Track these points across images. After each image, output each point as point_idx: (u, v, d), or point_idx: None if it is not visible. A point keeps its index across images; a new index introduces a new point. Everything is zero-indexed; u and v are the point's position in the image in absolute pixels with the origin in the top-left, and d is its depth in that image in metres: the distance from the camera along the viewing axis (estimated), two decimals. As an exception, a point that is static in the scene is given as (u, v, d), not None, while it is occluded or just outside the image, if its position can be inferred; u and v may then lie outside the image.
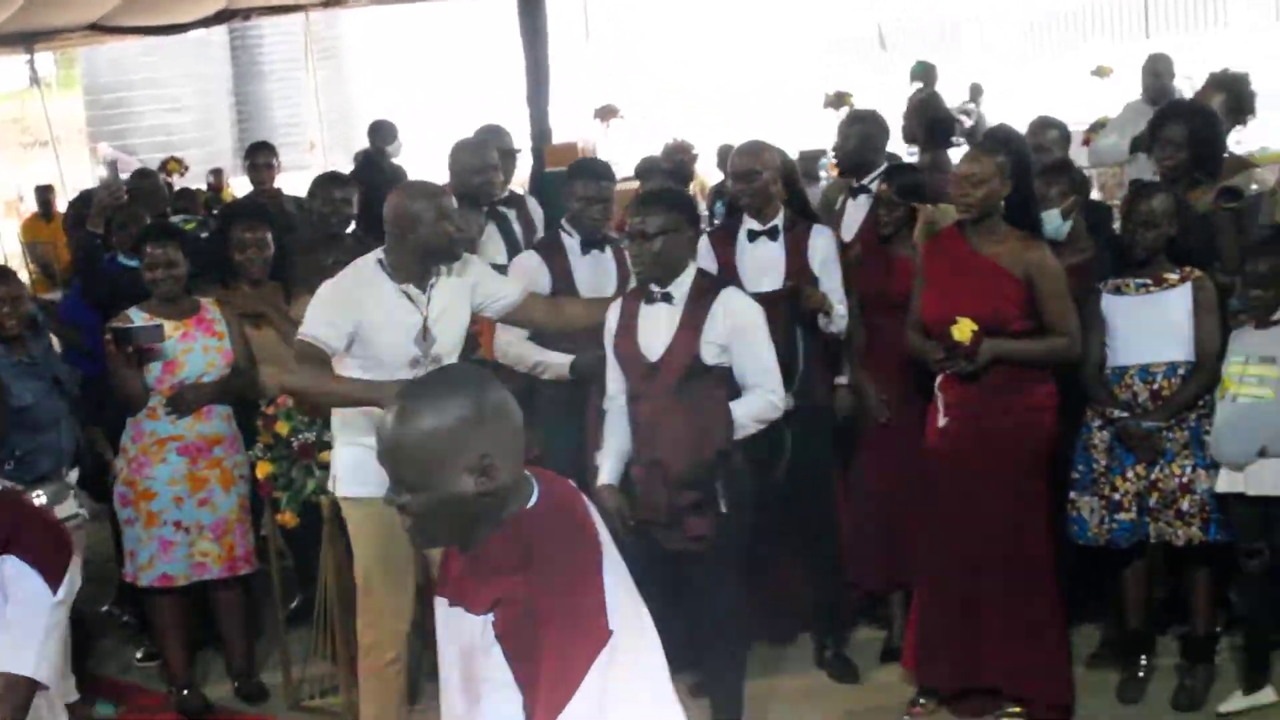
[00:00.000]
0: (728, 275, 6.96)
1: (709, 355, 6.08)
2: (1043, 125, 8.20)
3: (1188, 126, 7.44)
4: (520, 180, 11.62)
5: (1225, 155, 8.06)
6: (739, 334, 6.11)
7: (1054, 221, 6.98)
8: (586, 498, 3.38)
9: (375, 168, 13.32)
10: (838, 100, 17.16)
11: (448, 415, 3.13)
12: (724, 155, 8.35)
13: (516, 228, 8.27)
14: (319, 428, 6.99)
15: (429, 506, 3.17)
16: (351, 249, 7.53)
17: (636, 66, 24.30)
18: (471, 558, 3.26)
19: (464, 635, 3.26)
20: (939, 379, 6.60)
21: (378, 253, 6.16)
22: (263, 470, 7.15)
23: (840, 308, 7.04)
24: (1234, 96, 8.71)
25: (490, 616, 3.14)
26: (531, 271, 7.16)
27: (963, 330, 6.32)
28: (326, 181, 8.82)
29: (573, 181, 7.40)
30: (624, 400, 6.31)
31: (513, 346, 7.13)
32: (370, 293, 6.03)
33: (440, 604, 3.38)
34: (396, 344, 6.04)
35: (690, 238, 6.23)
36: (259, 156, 11.96)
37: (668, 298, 6.17)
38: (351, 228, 8.70)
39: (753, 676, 6.92)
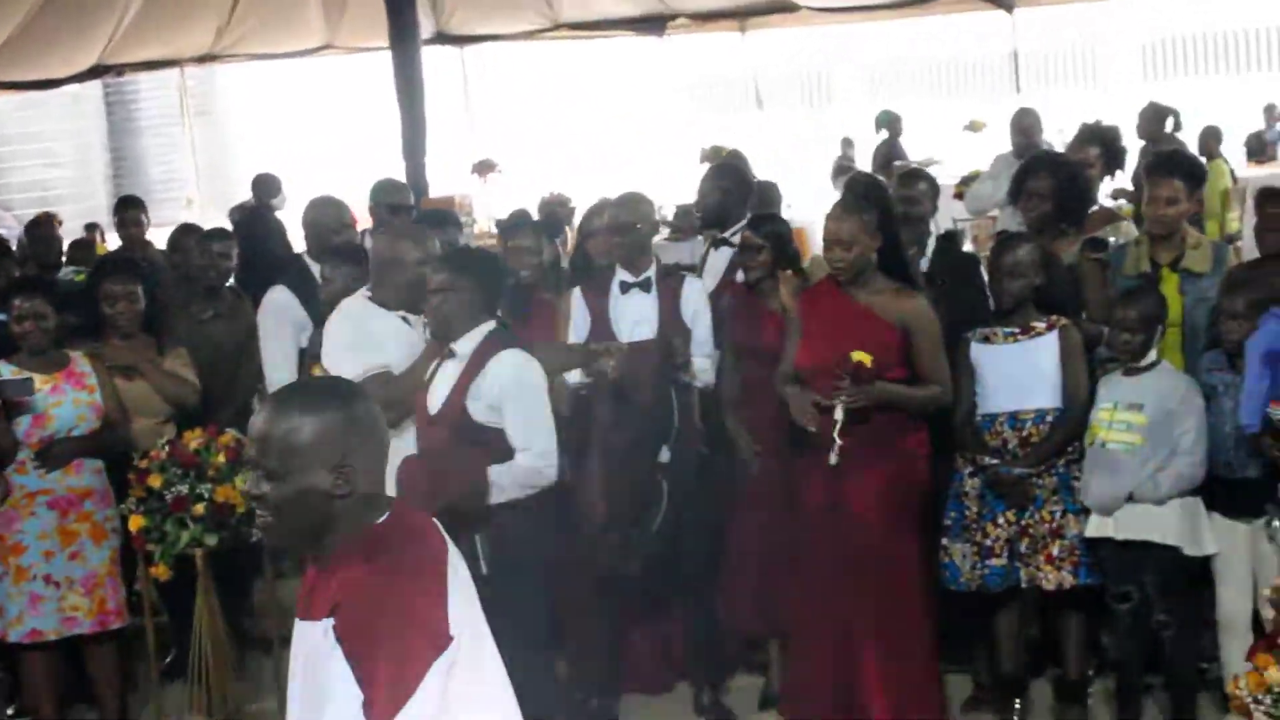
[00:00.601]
0: (600, 326, 7.02)
1: (478, 413, 5.99)
2: (911, 177, 8.28)
3: (1053, 178, 7.57)
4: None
5: (1095, 208, 8.21)
6: (509, 395, 6.00)
7: None
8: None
9: (259, 222, 13.24)
10: (714, 154, 17.26)
11: (316, 414, 3.31)
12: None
13: None
14: (192, 480, 6.94)
15: (284, 498, 3.31)
16: (231, 303, 7.49)
17: (516, 121, 24.34)
18: (320, 569, 3.38)
19: (308, 644, 3.33)
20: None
21: (364, 291, 6.68)
22: (135, 524, 7.08)
23: (705, 361, 7.10)
24: (1107, 149, 8.86)
25: (331, 620, 3.22)
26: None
27: (862, 356, 6.33)
28: (204, 235, 8.77)
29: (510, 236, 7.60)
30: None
31: None
32: (377, 325, 6.52)
33: (295, 626, 3.44)
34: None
35: (475, 299, 6.06)
36: (127, 212, 11.84)
37: (451, 354, 6.13)
38: (230, 281, 8.66)
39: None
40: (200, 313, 8.63)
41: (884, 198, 6.91)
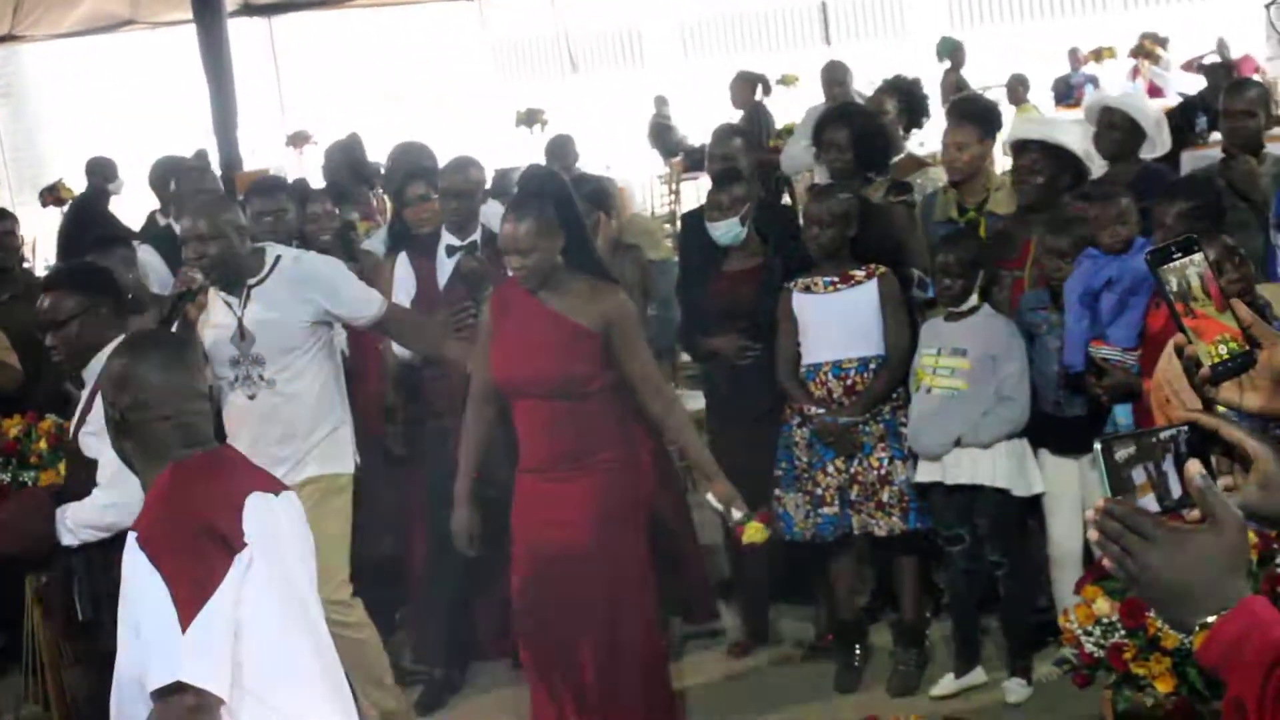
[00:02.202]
0: (426, 289, 6.98)
1: (89, 447, 5.60)
2: (727, 132, 8.29)
3: (849, 128, 7.64)
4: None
5: (903, 155, 8.29)
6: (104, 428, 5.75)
7: (732, 230, 7.09)
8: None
9: (88, 205, 12.97)
10: (529, 118, 17.24)
11: (112, 361, 3.89)
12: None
13: None
14: (14, 468, 6.80)
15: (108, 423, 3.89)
16: (28, 283, 7.33)
17: (328, 92, 24.06)
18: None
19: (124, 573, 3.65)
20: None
21: None
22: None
23: None
24: (907, 101, 8.96)
25: (134, 533, 3.60)
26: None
27: (755, 533, 5.82)
28: None
29: (249, 200, 7.40)
30: None
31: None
32: (211, 301, 6.36)
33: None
34: (217, 343, 6.26)
35: (104, 316, 5.68)
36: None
37: (80, 382, 5.84)
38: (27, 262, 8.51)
39: (476, 692, 6.94)
40: (-5, 296, 8.46)
41: (562, 191, 6.28)
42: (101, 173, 13.82)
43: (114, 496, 5.47)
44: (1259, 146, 7.29)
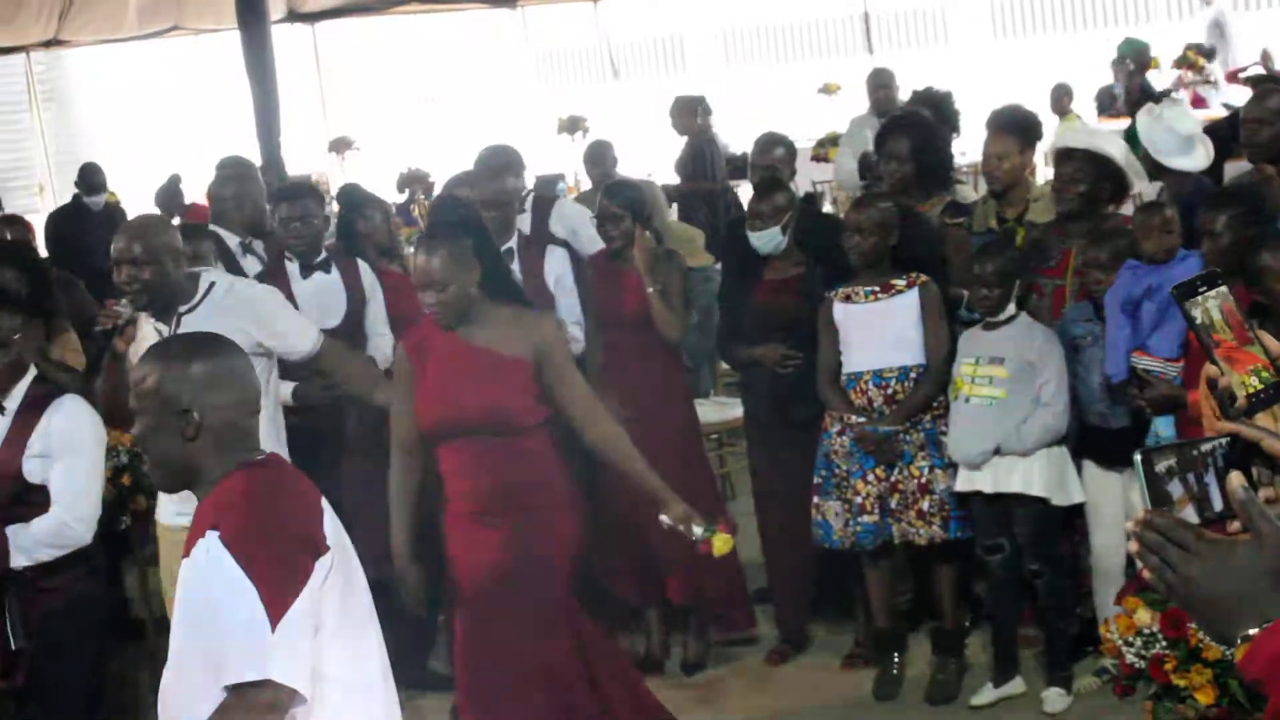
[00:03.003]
0: None
1: (34, 472, 5.51)
2: (770, 143, 8.27)
3: (910, 139, 7.62)
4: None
5: None
6: (59, 447, 5.55)
7: (773, 239, 7.10)
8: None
9: (73, 214, 13.04)
10: (572, 125, 17.27)
11: (166, 363, 3.72)
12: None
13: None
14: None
15: (142, 436, 3.75)
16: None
17: (370, 98, 24.16)
18: (201, 503, 3.71)
19: (190, 573, 3.62)
20: None
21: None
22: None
23: (574, 329, 7.10)
24: (937, 113, 8.93)
25: (215, 533, 3.52)
26: None
27: (722, 545, 5.63)
28: None
29: (277, 205, 7.41)
30: None
31: None
32: (141, 328, 5.98)
33: (180, 570, 3.72)
34: None
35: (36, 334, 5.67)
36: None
37: (2, 410, 5.66)
38: None
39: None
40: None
41: (473, 220, 6.14)
42: (83, 183, 13.75)
43: (77, 513, 5.49)
44: (1277, 155, 7.16)
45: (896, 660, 7.05)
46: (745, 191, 15.39)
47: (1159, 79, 18.64)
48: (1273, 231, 5.83)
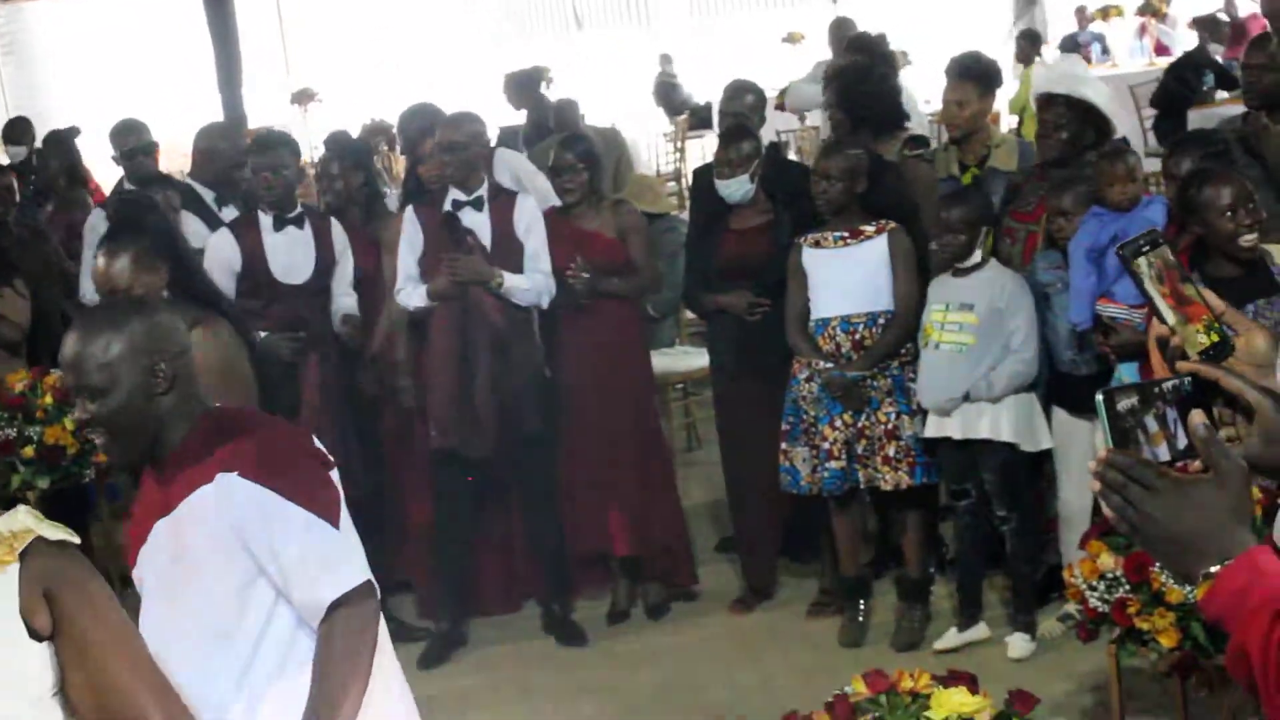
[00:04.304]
0: (435, 245, 7.00)
1: None
2: (739, 89, 8.24)
3: (836, 88, 7.66)
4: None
5: None
6: None
7: (742, 187, 7.09)
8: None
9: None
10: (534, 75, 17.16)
11: (119, 326, 3.58)
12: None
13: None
14: (20, 422, 6.81)
15: (113, 410, 3.57)
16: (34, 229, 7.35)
17: (332, 49, 24.02)
18: (163, 468, 3.64)
19: (176, 534, 3.57)
20: None
21: None
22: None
23: (541, 278, 7.09)
24: (872, 57, 8.80)
25: (232, 474, 3.50)
26: (223, 250, 7.15)
27: None
28: None
29: (253, 157, 7.42)
30: None
31: None
32: None
33: (151, 531, 3.66)
34: None
35: None
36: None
37: None
38: None
39: (480, 645, 6.98)
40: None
41: (158, 220, 6.01)
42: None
43: None
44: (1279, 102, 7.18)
45: (862, 607, 7.07)
46: (709, 141, 15.38)
47: (1124, 26, 18.68)
48: (1209, 167, 5.85)
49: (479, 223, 7.09)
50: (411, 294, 7.09)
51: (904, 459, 6.71)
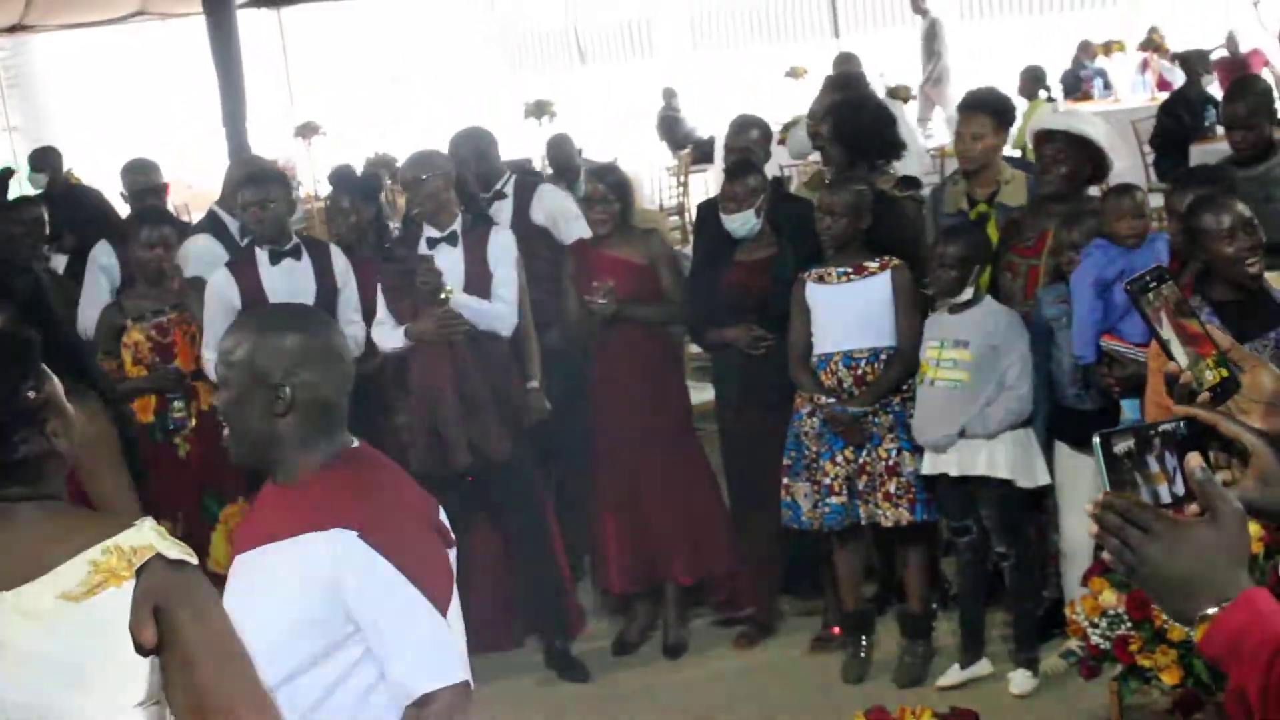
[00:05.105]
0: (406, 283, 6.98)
1: None
2: (745, 124, 8.25)
3: (830, 123, 7.64)
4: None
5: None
6: None
7: (747, 221, 7.11)
8: None
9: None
10: (539, 109, 17.26)
11: (259, 334, 3.56)
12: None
13: None
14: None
15: (225, 406, 3.57)
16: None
17: (337, 83, 24.11)
18: (287, 486, 3.58)
19: (273, 571, 3.50)
20: None
21: None
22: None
23: (500, 305, 7.06)
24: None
25: (353, 531, 3.41)
26: (222, 289, 7.12)
27: None
28: None
29: (241, 190, 7.37)
30: None
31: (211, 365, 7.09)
32: None
33: (252, 553, 3.61)
34: None
35: None
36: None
37: None
38: None
39: (481, 681, 6.95)
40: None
41: (28, 285, 5.68)
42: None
43: None
44: (1268, 148, 7.18)
45: (864, 642, 7.07)
46: (712, 175, 15.42)
47: (1126, 61, 18.72)
48: (1210, 194, 5.86)
49: (454, 258, 7.05)
50: (389, 335, 7.08)
51: (904, 495, 6.72)
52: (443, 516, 3.65)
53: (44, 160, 12.91)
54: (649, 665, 7.40)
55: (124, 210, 10.11)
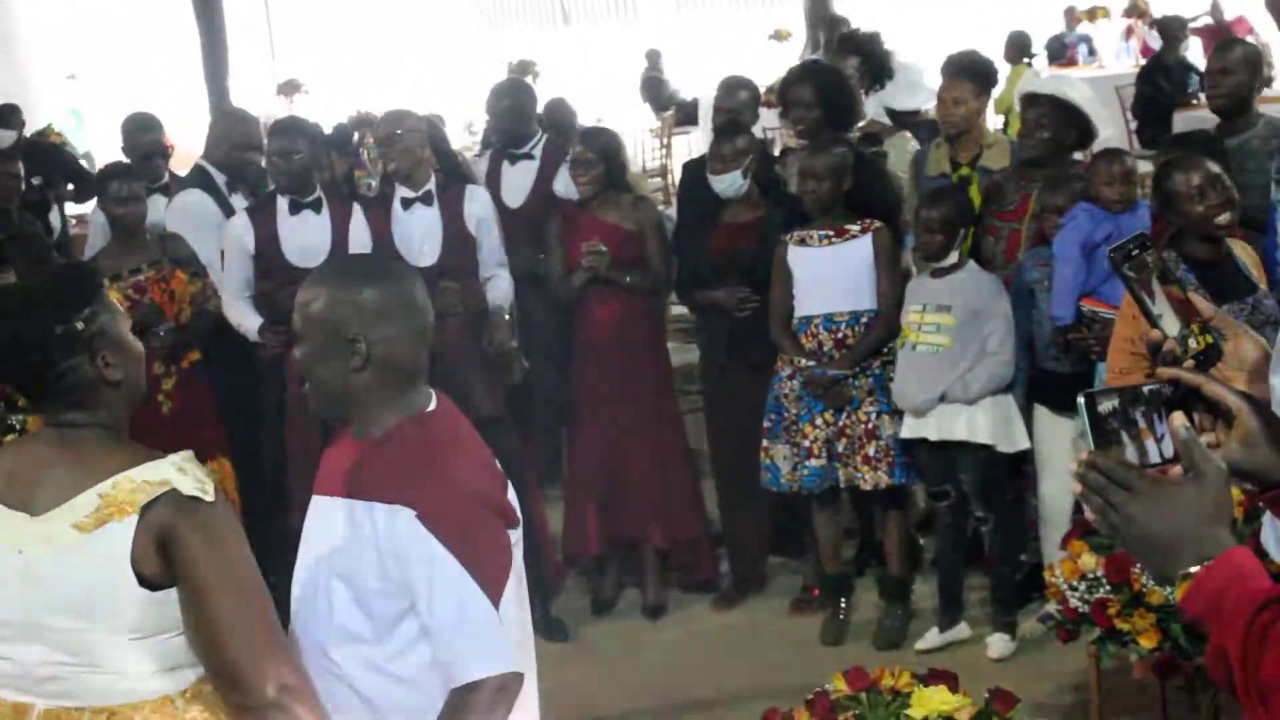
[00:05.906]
0: (384, 247, 6.93)
1: None
2: (734, 86, 8.17)
3: (814, 85, 7.57)
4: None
5: (865, 120, 8.22)
6: None
7: (734, 182, 7.09)
8: None
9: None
10: (522, 69, 17.21)
11: (337, 287, 3.48)
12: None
13: None
14: (2, 411, 6.80)
15: (303, 360, 3.50)
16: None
17: (319, 41, 24.00)
18: (367, 442, 3.50)
19: (351, 519, 3.43)
20: None
21: None
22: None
23: (503, 282, 7.12)
24: (865, 58, 8.73)
25: (411, 510, 3.33)
26: (238, 232, 7.14)
27: None
28: None
29: (269, 139, 7.39)
30: None
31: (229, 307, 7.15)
32: None
33: (330, 499, 3.54)
34: None
35: None
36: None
37: None
38: None
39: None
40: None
41: None
42: None
43: None
44: (1242, 106, 7.13)
45: (844, 605, 7.09)
46: (695, 137, 15.38)
47: (1110, 28, 18.70)
48: (1179, 156, 5.86)
49: (429, 218, 7.05)
50: None
51: (884, 459, 6.72)
52: (511, 494, 3.57)
53: (11, 118, 12.89)
54: (629, 625, 7.41)
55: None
